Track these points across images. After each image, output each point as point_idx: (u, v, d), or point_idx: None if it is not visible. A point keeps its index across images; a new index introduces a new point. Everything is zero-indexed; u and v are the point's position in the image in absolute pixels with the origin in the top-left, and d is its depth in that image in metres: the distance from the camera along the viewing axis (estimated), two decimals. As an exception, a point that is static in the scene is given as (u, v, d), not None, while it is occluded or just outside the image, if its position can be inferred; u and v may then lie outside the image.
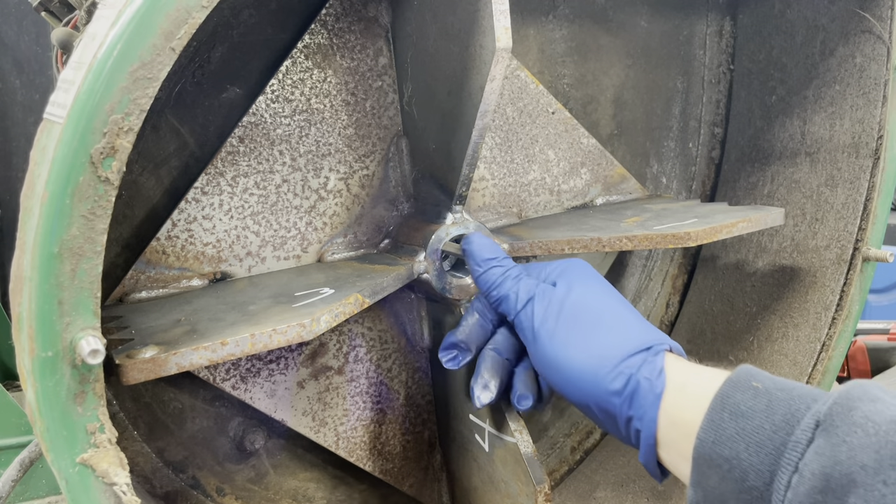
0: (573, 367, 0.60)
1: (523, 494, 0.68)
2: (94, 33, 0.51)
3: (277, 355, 0.78)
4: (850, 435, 0.44)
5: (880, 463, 0.42)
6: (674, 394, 0.56)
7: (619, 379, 0.58)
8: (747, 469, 0.48)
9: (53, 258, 0.47)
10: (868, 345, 1.45)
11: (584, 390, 0.59)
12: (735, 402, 0.51)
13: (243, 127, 0.75)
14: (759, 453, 0.48)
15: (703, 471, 0.50)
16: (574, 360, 0.60)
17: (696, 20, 1.05)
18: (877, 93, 0.86)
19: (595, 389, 0.59)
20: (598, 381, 0.58)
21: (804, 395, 0.49)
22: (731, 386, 0.52)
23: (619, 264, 1.09)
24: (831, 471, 0.43)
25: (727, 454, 0.49)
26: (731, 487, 0.49)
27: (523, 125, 0.91)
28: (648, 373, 0.57)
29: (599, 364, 0.59)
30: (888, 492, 0.41)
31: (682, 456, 0.54)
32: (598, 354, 0.60)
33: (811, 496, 0.44)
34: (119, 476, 0.50)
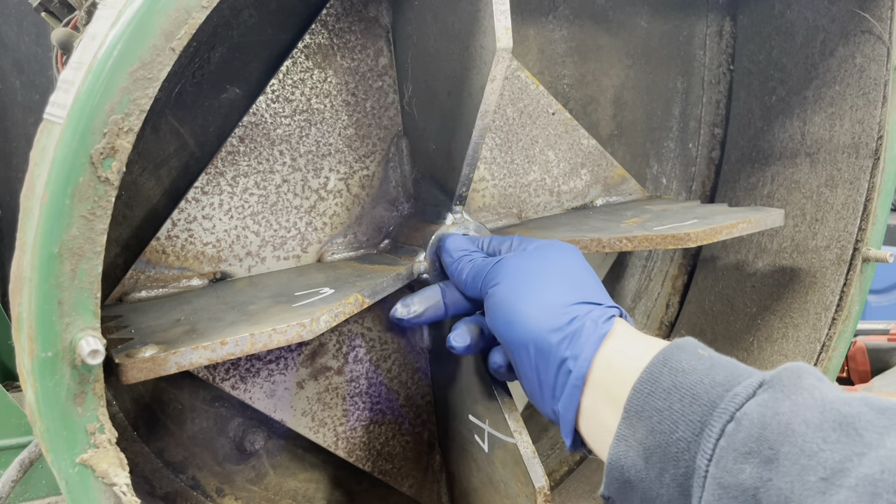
0: (522, 307, 0.60)
1: (523, 495, 0.68)
2: (94, 34, 0.51)
3: (277, 355, 0.78)
4: (796, 394, 0.43)
5: (823, 421, 0.41)
6: (617, 341, 0.55)
7: (565, 317, 0.57)
8: (678, 420, 0.47)
9: (53, 258, 0.48)
10: (868, 345, 1.45)
11: (526, 327, 0.59)
12: (677, 359, 0.50)
13: (243, 127, 0.75)
14: (693, 404, 0.47)
15: (632, 423, 0.49)
16: (525, 301, 0.60)
17: (696, 20, 1.05)
18: (877, 93, 0.86)
19: (538, 326, 0.58)
20: (544, 319, 0.58)
21: (749, 368, 0.49)
22: (675, 347, 0.51)
23: (619, 265, 1.09)
24: (770, 420, 0.43)
25: (660, 406, 0.48)
26: (657, 440, 0.47)
27: (523, 126, 0.91)
28: (596, 318, 0.57)
29: (549, 305, 0.59)
30: (826, 448, 0.40)
31: (609, 402, 0.53)
32: (551, 299, 0.59)
33: (746, 444, 0.43)
34: (119, 476, 0.51)
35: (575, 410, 0.56)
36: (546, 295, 0.60)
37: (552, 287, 0.61)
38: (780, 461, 0.41)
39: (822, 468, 0.39)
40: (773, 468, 0.41)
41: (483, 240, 0.73)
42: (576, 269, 0.64)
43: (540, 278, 0.62)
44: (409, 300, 0.71)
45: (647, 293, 1.11)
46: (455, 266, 0.71)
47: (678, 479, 0.46)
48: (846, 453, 0.39)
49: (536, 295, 0.60)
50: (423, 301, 0.71)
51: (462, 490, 0.81)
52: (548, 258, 0.65)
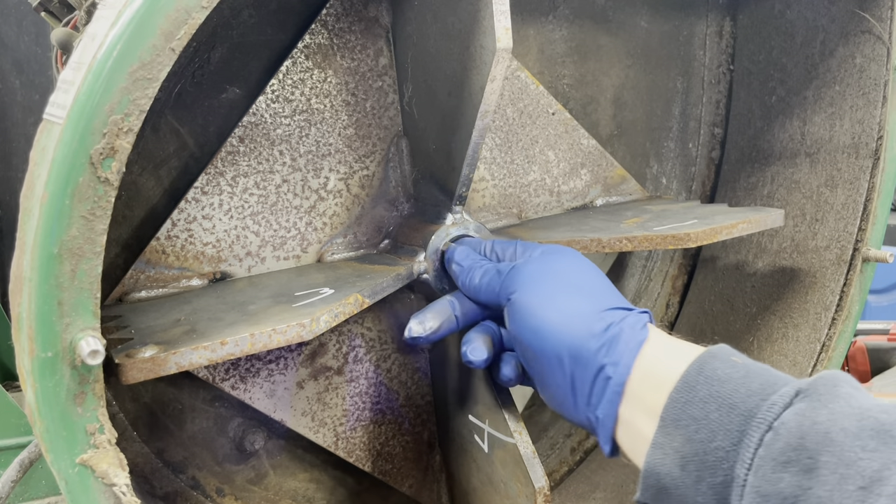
0: (552, 315, 0.59)
1: (523, 495, 0.68)
2: (94, 34, 0.51)
3: (277, 355, 0.78)
4: (833, 403, 0.44)
5: (861, 429, 0.41)
6: (653, 348, 0.55)
7: (601, 323, 0.56)
8: (716, 429, 0.47)
9: (53, 258, 0.47)
10: (868, 345, 1.45)
11: (559, 335, 0.58)
12: (712, 367, 0.50)
13: (243, 127, 0.75)
14: (731, 414, 0.47)
15: (668, 431, 0.49)
16: (554, 309, 0.59)
17: (696, 20, 1.05)
18: (877, 93, 0.86)
19: (573, 333, 0.57)
20: (579, 326, 0.57)
21: (784, 375, 0.49)
22: (709, 355, 0.51)
23: (619, 265, 1.09)
24: (809, 429, 0.43)
25: (697, 415, 0.48)
26: (695, 449, 0.47)
27: (523, 126, 0.91)
28: (632, 324, 0.56)
29: (583, 312, 0.58)
30: (865, 456, 0.40)
31: (645, 411, 0.52)
32: (583, 306, 0.59)
33: (785, 453, 0.43)
34: (119, 477, 0.50)
35: (614, 418, 0.55)
36: (576, 302, 0.59)
37: (579, 293, 0.60)
38: (820, 470, 0.41)
39: (861, 477, 0.40)
40: (812, 477, 0.41)
41: (485, 244, 0.72)
42: (593, 274, 0.64)
43: (564, 285, 0.61)
44: (422, 316, 0.68)
45: (647, 293, 1.11)
46: (466, 275, 0.69)
47: (715, 488, 0.46)
48: (884, 461, 0.39)
49: (565, 302, 0.59)
50: (436, 316, 0.68)
51: (462, 490, 0.81)
52: (563, 264, 0.64)
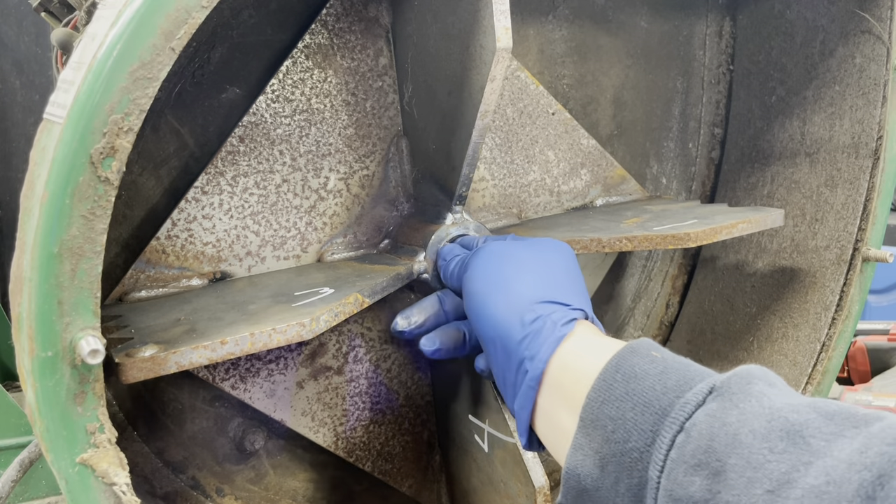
0: (491, 300, 0.60)
1: (523, 495, 0.68)
2: (94, 33, 0.51)
3: (277, 355, 0.78)
4: (744, 402, 0.43)
5: (770, 430, 0.40)
6: (574, 343, 0.55)
7: (529, 314, 0.57)
8: (631, 429, 0.46)
9: (53, 258, 0.48)
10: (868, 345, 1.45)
11: (494, 322, 0.58)
12: (630, 364, 0.49)
13: (243, 127, 0.75)
14: (645, 413, 0.46)
15: (588, 431, 0.49)
16: (494, 294, 0.60)
17: (696, 20, 1.05)
18: (876, 93, 0.86)
19: (504, 321, 0.58)
20: (509, 315, 0.58)
21: (701, 370, 0.48)
22: (628, 350, 0.51)
23: (619, 265, 1.09)
24: (718, 431, 0.42)
25: (613, 414, 0.47)
26: (612, 449, 0.47)
27: (523, 126, 0.91)
28: (558, 318, 0.56)
29: (516, 301, 0.58)
30: (773, 458, 0.39)
31: (564, 403, 0.52)
32: (518, 295, 0.59)
33: (695, 455, 0.42)
34: (119, 476, 0.51)
35: (530, 410, 0.55)
36: (514, 289, 0.60)
37: (521, 281, 0.60)
38: (728, 473, 0.40)
39: (769, 480, 0.38)
40: (721, 481, 0.40)
41: (477, 240, 0.73)
42: (554, 265, 0.63)
43: (511, 270, 0.62)
44: (408, 312, 0.70)
45: (647, 293, 1.11)
46: (446, 267, 0.71)
47: (633, 490, 0.46)
48: (793, 463, 0.38)
49: (504, 288, 0.60)
50: (422, 311, 0.70)
51: (462, 490, 0.81)
52: (526, 251, 0.64)
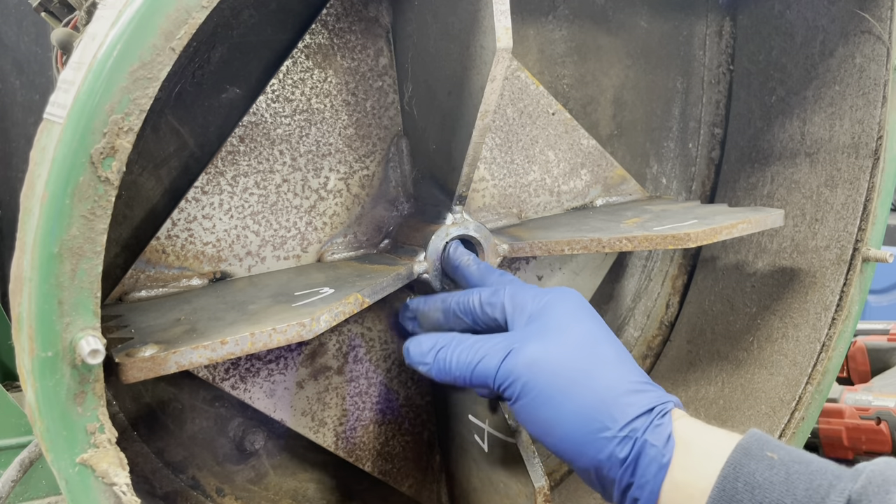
0: (568, 431, 0.55)
1: (522, 495, 0.68)
2: (94, 33, 0.51)
3: (277, 355, 0.78)
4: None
5: None
6: (680, 456, 0.52)
7: (624, 445, 0.53)
8: None
9: (53, 258, 0.48)
10: (868, 345, 1.45)
11: (580, 457, 0.55)
12: (750, 471, 0.47)
13: (244, 126, 0.75)
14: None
15: None
16: (568, 423, 0.55)
17: (696, 20, 1.05)
18: (876, 93, 0.86)
19: (595, 456, 0.54)
20: (600, 449, 0.54)
21: (824, 469, 0.46)
22: (743, 453, 0.49)
23: (619, 265, 1.09)
24: None
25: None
26: None
27: (523, 126, 0.91)
28: (655, 438, 0.53)
29: (599, 427, 0.54)
30: None
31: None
32: (597, 418, 0.54)
33: None
34: (119, 476, 0.50)
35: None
36: (591, 414, 0.55)
37: (593, 397, 0.55)
38: None
39: None
40: None
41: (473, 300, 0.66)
42: (598, 339, 0.59)
43: (574, 385, 0.56)
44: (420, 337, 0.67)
45: (647, 293, 1.11)
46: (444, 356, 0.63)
47: None
48: None
49: (580, 414, 0.55)
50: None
51: (462, 490, 0.81)
52: (566, 335, 0.59)
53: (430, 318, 0.71)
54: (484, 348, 0.61)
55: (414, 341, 0.66)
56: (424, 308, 0.72)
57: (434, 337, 0.65)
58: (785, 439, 0.89)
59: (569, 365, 0.57)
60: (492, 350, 0.60)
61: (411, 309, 0.74)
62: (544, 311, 0.62)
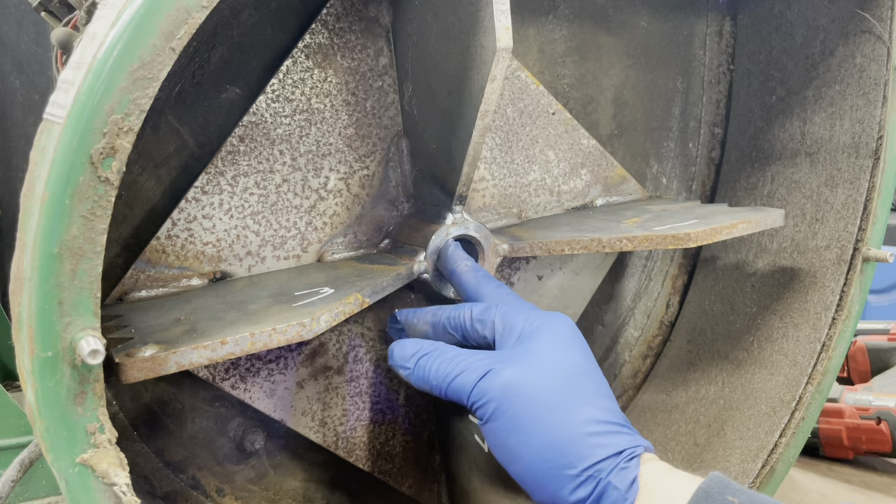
0: (533, 462, 0.54)
1: (523, 495, 0.68)
2: (94, 33, 0.51)
3: (277, 355, 0.78)
4: None
5: None
6: (642, 499, 0.52)
7: (585, 487, 0.53)
8: None
9: (53, 258, 0.47)
10: (868, 345, 1.45)
11: (543, 489, 0.54)
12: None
13: (244, 126, 0.75)
14: None
15: None
16: (535, 454, 0.54)
17: (696, 20, 1.05)
18: (877, 93, 0.86)
19: (556, 492, 0.54)
20: (561, 486, 0.53)
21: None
22: (704, 496, 0.48)
23: (619, 265, 1.09)
24: None
25: None
26: None
27: (523, 126, 0.91)
28: (619, 481, 0.52)
29: (563, 464, 0.53)
30: None
31: None
32: (562, 454, 0.54)
33: None
34: (119, 476, 0.50)
35: None
36: (557, 449, 0.54)
37: (561, 433, 0.54)
38: None
39: None
40: None
41: (463, 315, 0.66)
42: (579, 373, 0.58)
43: (545, 418, 0.55)
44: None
45: (647, 293, 1.11)
46: (418, 360, 0.63)
47: None
48: None
49: (545, 449, 0.54)
50: None
51: (462, 490, 0.81)
52: (549, 365, 0.58)
53: (418, 329, 0.70)
54: (465, 363, 0.60)
55: (399, 344, 0.66)
56: (413, 319, 0.71)
57: (419, 343, 0.65)
58: (785, 439, 0.89)
59: (545, 395, 0.56)
60: (472, 366, 0.59)
61: (400, 320, 0.74)
62: (533, 335, 0.61)
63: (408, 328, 0.72)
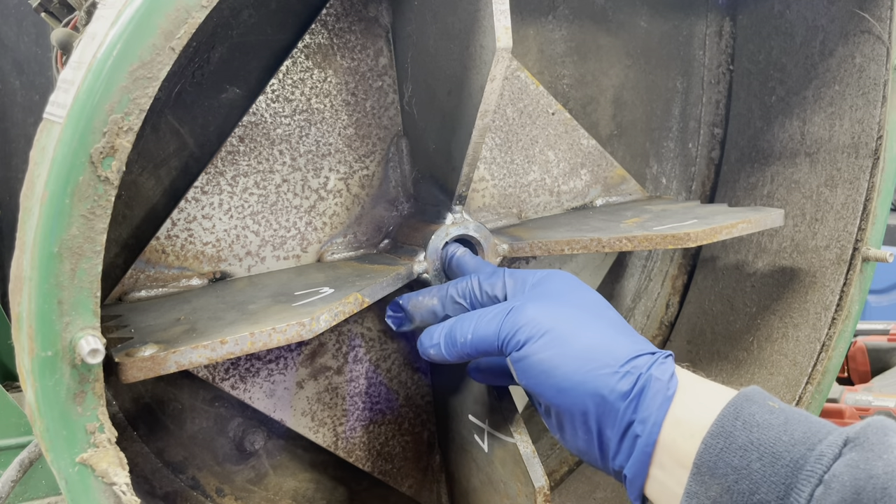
0: (572, 369, 0.55)
1: (522, 495, 0.68)
2: (94, 33, 0.51)
3: (277, 355, 0.78)
4: (887, 453, 0.41)
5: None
6: (682, 394, 0.52)
7: (628, 378, 0.53)
8: (759, 481, 0.44)
9: (53, 258, 0.48)
10: (868, 345, 1.45)
11: (584, 393, 0.54)
12: (750, 412, 0.47)
13: (243, 126, 0.75)
14: (775, 465, 0.44)
15: (703, 480, 0.47)
16: (574, 360, 0.55)
17: (696, 20, 1.05)
18: (876, 93, 0.86)
19: (598, 389, 0.53)
20: (603, 380, 0.53)
21: (824, 422, 0.46)
22: (744, 398, 0.49)
23: (619, 265, 1.09)
24: (865, 483, 0.40)
25: (736, 463, 0.45)
26: (734, 500, 0.45)
27: (523, 126, 0.91)
28: (660, 373, 0.53)
29: (603, 363, 0.54)
30: None
31: (676, 460, 0.50)
32: (602, 356, 0.54)
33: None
34: (119, 476, 0.50)
35: (645, 476, 0.52)
36: (594, 350, 0.55)
37: (596, 339, 0.56)
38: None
39: None
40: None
41: (472, 284, 0.67)
42: (598, 305, 0.61)
43: (575, 330, 0.57)
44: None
45: (647, 293, 1.11)
46: (454, 328, 0.64)
47: None
48: None
49: (582, 353, 0.55)
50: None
51: (462, 490, 0.81)
52: (566, 302, 0.60)
53: (424, 306, 0.70)
54: (487, 314, 0.62)
55: (426, 332, 0.67)
56: (418, 298, 0.71)
57: (442, 324, 0.66)
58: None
59: (571, 317, 0.58)
60: (494, 312, 0.61)
61: (402, 304, 0.72)
62: (544, 282, 0.64)
63: (413, 311, 0.71)
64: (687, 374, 0.55)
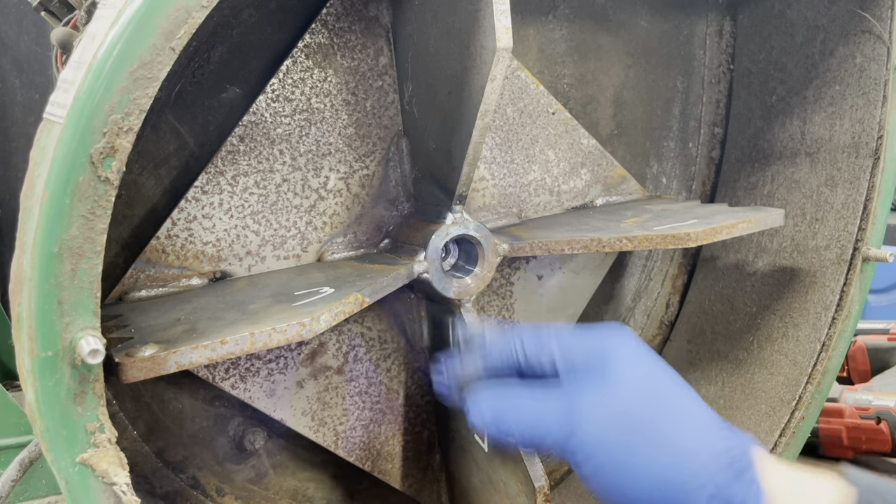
0: (641, 490, 0.51)
1: (522, 495, 0.68)
2: (94, 33, 0.51)
3: (277, 354, 0.78)
4: None
5: None
6: None
7: (705, 496, 0.49)
8: None
9: (53, 258, 0.47)
10: (868, 345, 1.45)
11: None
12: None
13: (244, 126, 0.75)
14: None
15: None
16: (645, 485, 0.51)
17: (696, 20, 1.05)
18: (877, 93, 0.86)
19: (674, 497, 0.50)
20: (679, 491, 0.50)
21: None
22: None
23: (619, 264, 1.09)
24: None
25: None
26: None
27: (523, 125, 0.91)
28: (743, 492, 0.49)
29: (677, 484, 0.50)
30: None
31: None
32: (673, 471, 0.51)
33: None
34: (119, 476, 0.50)
35: None
36: (666, 470, 0.51)
37: (667, 453, 0.51)
38: None
39: None
40: None
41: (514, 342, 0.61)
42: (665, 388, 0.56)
43: (644, 442, 0.52)
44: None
45: (647, 293, 1.11)
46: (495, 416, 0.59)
47: None
48: None
49: (652, 472, 0.51)
50: None
51: (462, 490, 0.81)
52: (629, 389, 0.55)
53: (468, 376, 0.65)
54: (544, 414, 0.57)
55: (473, 405, 0.61)
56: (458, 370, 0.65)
57: (489, 400, 0.60)
58: (785, 438, 0.89)
59: (637, 421, 0.53)
60: (553, 416, 0.56)
61: (446, 374, 0.67)
62: (600, 359, 0.57)
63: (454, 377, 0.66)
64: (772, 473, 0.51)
